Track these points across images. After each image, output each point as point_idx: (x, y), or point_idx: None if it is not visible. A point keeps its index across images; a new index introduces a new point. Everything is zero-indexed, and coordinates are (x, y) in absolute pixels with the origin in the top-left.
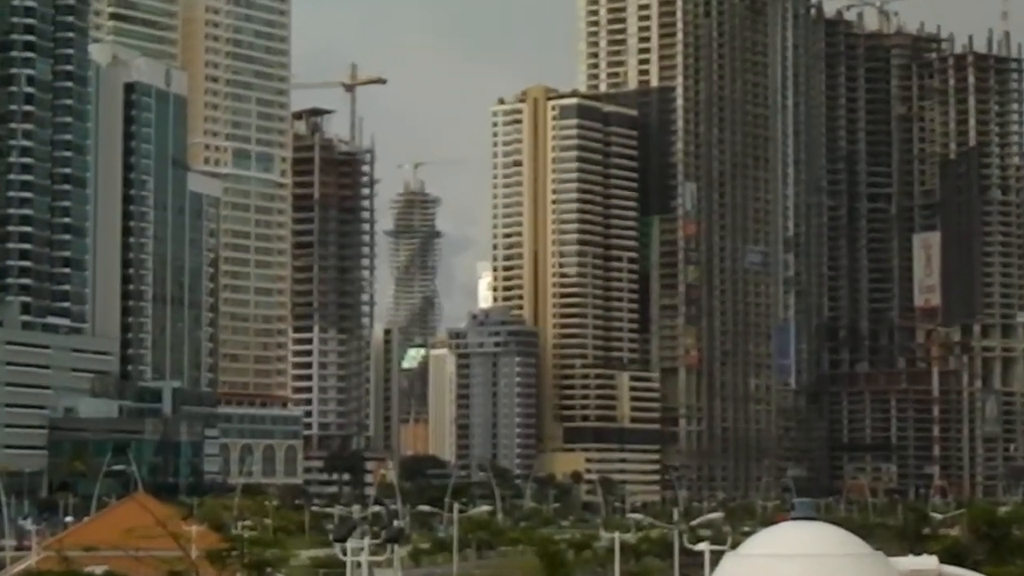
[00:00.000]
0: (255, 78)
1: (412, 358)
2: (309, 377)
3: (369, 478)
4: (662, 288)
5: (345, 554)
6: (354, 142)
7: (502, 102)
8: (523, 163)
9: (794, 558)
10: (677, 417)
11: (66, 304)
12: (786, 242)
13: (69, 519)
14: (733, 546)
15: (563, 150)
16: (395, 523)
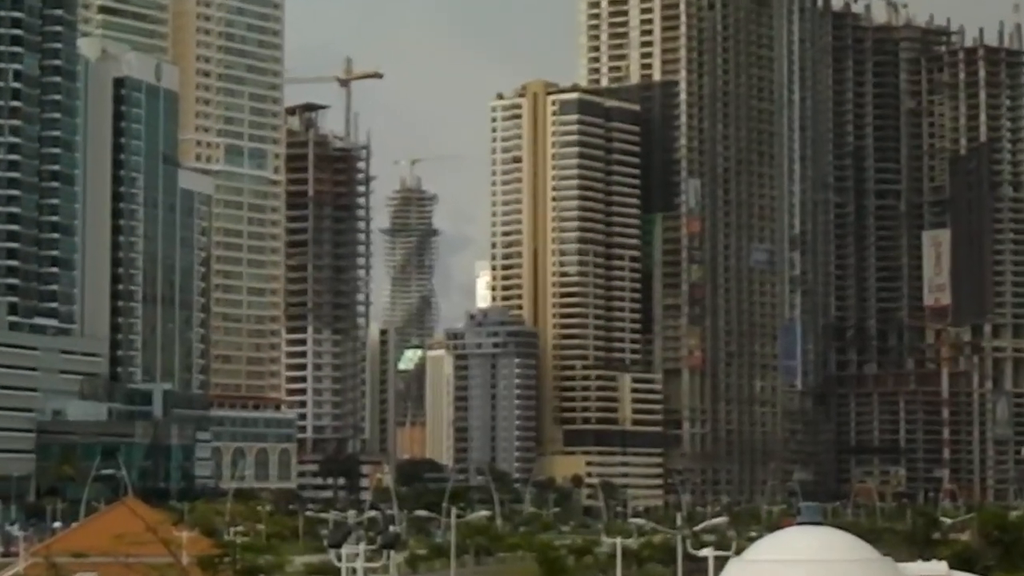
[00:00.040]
0: (248, 72)
1: (409, 359)
2: (303, 379)
3: (365, 482)
4: (665, 287)
5: (340, 560)
6: (349, 138)
7: (501, 97)
8: (522, 159)
9: (801, 564)
10: (680, 419)
11: (54, 304)
12: (792, 240)
13: (57, 524)
14: (738, 552)
15: (563, 146)
16: (391, 528)
